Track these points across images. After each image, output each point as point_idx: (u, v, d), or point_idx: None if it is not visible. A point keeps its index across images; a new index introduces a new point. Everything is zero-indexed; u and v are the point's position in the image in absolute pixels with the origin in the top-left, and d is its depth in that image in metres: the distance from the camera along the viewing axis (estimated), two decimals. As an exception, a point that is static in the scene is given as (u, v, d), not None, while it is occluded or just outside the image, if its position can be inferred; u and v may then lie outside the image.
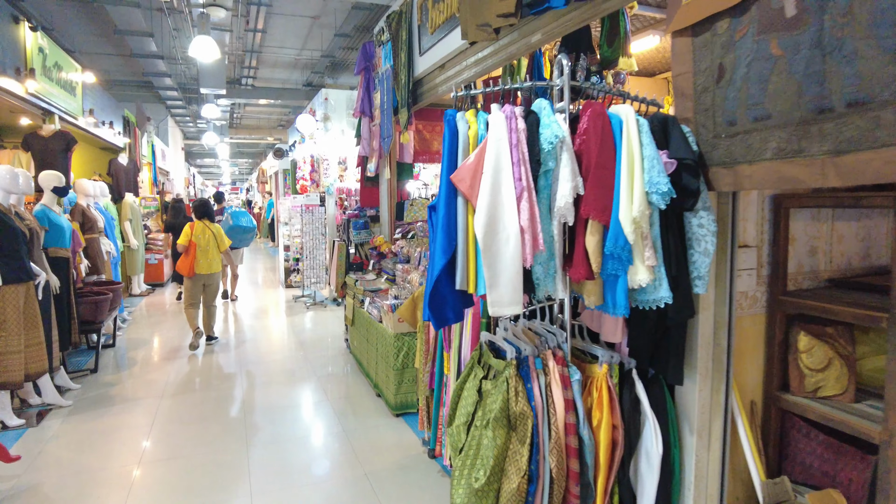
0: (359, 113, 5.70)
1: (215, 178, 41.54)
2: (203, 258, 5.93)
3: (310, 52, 13.93)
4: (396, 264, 4.97)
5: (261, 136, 23.93)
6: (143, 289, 10.01)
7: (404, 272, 4.73)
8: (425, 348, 3.29)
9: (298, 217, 8.64)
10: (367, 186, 5.89)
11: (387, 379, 4.21)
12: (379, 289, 5.01)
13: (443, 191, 1.75)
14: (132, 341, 6.60)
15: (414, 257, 4.59)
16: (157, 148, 14.38)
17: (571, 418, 1.84)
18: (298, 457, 3.60)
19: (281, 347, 6.25)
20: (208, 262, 5.97)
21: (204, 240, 5.92)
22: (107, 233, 7.08)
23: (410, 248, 4.75)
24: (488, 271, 1.67)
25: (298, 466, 3.47)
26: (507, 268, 1.67)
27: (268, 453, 3.63)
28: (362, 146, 5.71)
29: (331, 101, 8.66)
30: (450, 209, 1.73)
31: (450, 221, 1.72)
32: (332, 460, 3.55)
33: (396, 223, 5.66)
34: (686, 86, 1.88)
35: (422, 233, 4.88)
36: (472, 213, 1.74)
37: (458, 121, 1.79)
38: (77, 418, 4.24)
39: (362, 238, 5.69)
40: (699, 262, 1.79)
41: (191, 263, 5.90)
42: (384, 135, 5.22)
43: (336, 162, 8.87)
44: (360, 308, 5.01)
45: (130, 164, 10.14)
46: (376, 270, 5.39)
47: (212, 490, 3.20)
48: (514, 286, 1.68)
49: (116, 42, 11.71)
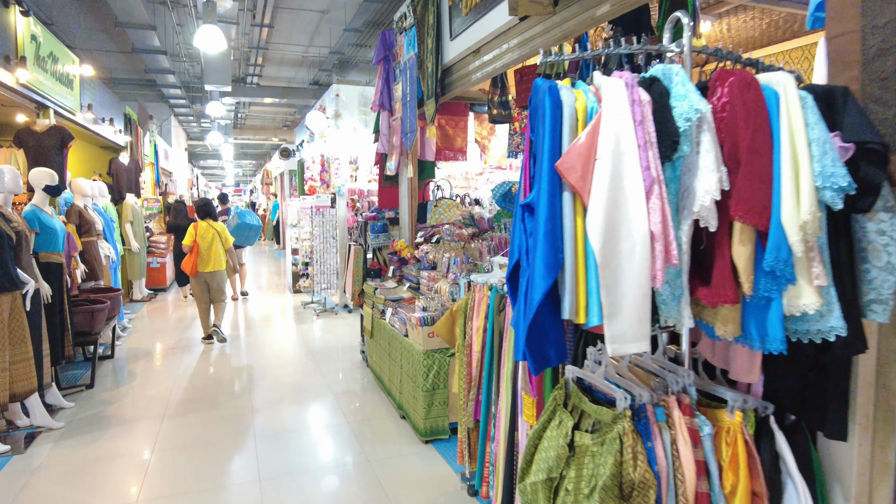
0: (377, 107, 5.26)
1: (219, 180, 41.19)
2: (207, 256, 6.09)
3: (317, 49, 13.54)
4: (420, 271, 4.53)
5: (265, 136, 23.55)
6: (145, 294, 9.58)
7: (430, 280, 4.29)
8: (466, 371, 2.84)
9: (308, 219, 8.20)
10: (386, 186, 5.45)
11: (414, 400, 3.77)
12: (401, 298, 4.56)
13: (544, 183, 1.29)
14: (132, 352, 6.16)
15: (441, 264, 4.14)
16: (160, 148, 13.97)
17: (704, 485, 1.39)
18: (318, 492, 3.16)
19: (292, 359, 5.80)
20: (212, 261, 6.11)
21: (208, 239, 6.07)
22: (106, 236, 6.65)
23: (437, 253, 4.30)
24: (607, 294, 1.22)
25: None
26: (632, 289, 1.23)
27: (283, 489, 3.19)
28: (381, 143, 5.27)
29: (342, 97, 8.23)
30: (553, 209, 1.28)
31: (555, 226, 1.27)
32: (357, 497, 3.10)
33: (418, 226, 5.22)
34: (849, 50, 1.44)
35: (449, 237, 4.44)
36: (582, 215, 1.29)
37: (563, 90, 1.34)
38: (69, 443, 3.80)
39: (381, 242, 5.26)
40: (879, 280, 1.34)
41: (194, 262, 6.05)
42: (406, 129, 4.79)
43: (347, 161, 8.45)
44: (381, 319, 4.57)
45: (132, 164, 9.73)
46: (397, 278, 4.95)
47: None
48: (639, 314, 1.24)
49: (118, 38, 11.31)
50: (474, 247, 3.97)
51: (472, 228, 4.30)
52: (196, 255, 6.04)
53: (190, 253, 6.06)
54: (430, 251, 4.40)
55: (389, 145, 5.20)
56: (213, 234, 6.12)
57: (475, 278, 2.85)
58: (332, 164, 8.36)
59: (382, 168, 5.42)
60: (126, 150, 9.78)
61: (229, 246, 6.31)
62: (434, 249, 4.36)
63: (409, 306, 4.29)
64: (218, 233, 6.18)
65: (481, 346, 2.71)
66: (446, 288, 3.99)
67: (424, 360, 3.59)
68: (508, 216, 4.13)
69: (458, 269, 3.90)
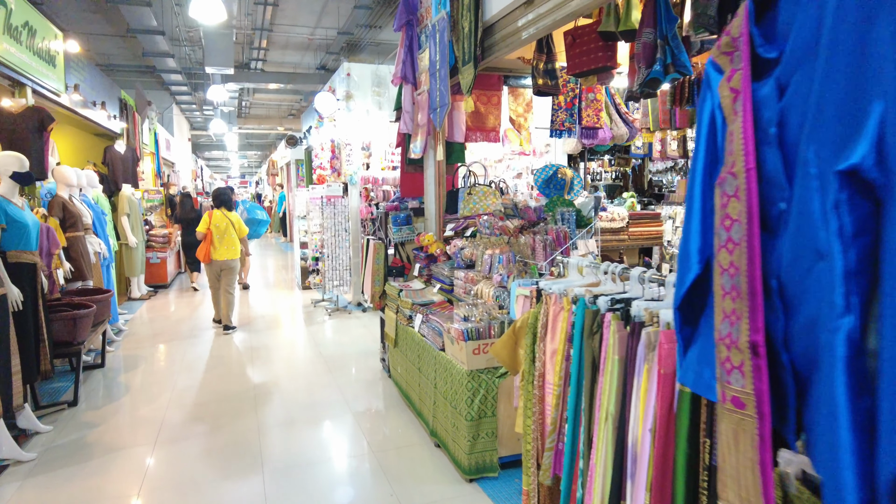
0: (399, 80, 4.56)
1: (224, 172, 40.63)
2: (220, 245, 6.19)
3: (324, 31, 12.82)
4: (454, 270, 3.85)
5: (271, 125, 22.88)
6: (144, 291, 8.96)
7: (468, 282, 3.61)
8: (537, 408, 2.17)
9: (318, 210, 7.54)
10: (409, 172, 4.76)
11: (454, 429, 3.10)
12: (431, 301, 3.89)
13: None
14: (126, 359, 5.53)
15: (482, 262, 3.46)
16: (161, 137, 13.33)
17: None
18: (342, 555, 2.51)
19: (303, 368, 5.15)
20: (225, 249, 6.22)
21: (221, 227, 6.20)
22: (96, 230, 6.01)
23: (475, 249, 3.62)
24: None
25: (344, 574, 2.38)
26: None
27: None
28: (403, 121, 4.58)
29: (354, 76, 7.52)
30: None
31: None
32: (392, 562, 2.45)
33: (447, 217, 4.54)
34: None
35: (488, 230, 3.76)
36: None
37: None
38: (40, 481, 3.16)
39: (404, 236, 4.58)
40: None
41: (207, 250, 6.18)
42: (434, 104, 4.09)
43: (360, 147, 7.75)
44: (407, 326, 3.90)
45: (128, 153, 9.08)
46: (424, 277, 4.28)
47: None
48: None
49: (113, 19, 10.62)
50: (524, 242, 3.28)
51: (518, 220, 3.61)
52: (209, 243, 6.17)
53: (204, 240, 6.20)
54: (467, 247, 3.71)
55: (413, 124, 4.51)
56: (227, 223, 6.25)
57: (547, 286, 2.16)
58: (344, 150, 7.67)
59: (405, 151, 4.73)
60: (122, 137, 9.13)
61: (244, 235, 6.45)
62: (471, 245, 3.68)
63: (444, 313, 3.61)
64: (232, 222, 6.30)
65: (562, 378, 2.03)
66: (489, 292, 3.31)
67: (469, 382, 2.92)
68: (565, 205, 3.43)
69: (505, 270, 3.22)
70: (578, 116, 4.54)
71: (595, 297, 1.92)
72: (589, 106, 4.54)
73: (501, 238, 3.54)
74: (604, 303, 1.87)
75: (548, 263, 3.09)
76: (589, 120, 4.53)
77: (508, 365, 2.35)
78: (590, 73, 3.70)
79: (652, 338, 1.66)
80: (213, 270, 6.33)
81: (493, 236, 3.69)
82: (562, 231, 3.12)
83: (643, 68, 3.01)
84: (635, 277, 1.93)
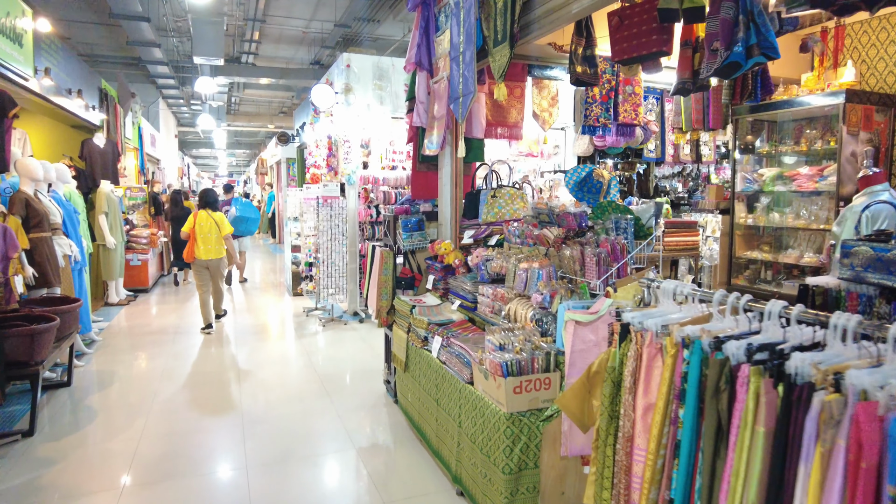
0: (412, 66, 4.03)
1: (211, 170, 39.79)
2: (204, 245, 6.30)
3: (320, 24, 12.26)
4: (479, 285, 3.31)
5: (261, 123, 22.22)
6: (123, 296, 8.32)
7: (496, 299, 3.08)
8: (622, 481, 1.64)
9: (313, 212, 6.96)
10: (422, 170, 4.22)
11: (485, 481, 2.56)
12: (450, 321, 3.35)
13: None
14: (97, 375, 4.93)
15: (514, 277, 2.92)
16: (146, 132, 12.67)
17: None
18: None
19: (297, 390, 4.59)
20: (210, 249, 6.33)
21: (206, 228, 6.30)
22: (66, 230, 5.40)
23: (504, 262, 3.09)
24: None
25: None
26: None
27: None
28: (416, 113, 4.04)
29: (354, 68, 6.97)
30: None
31: None
32: None
33: (464, 222, 4.00)
34: None
35: (519, 239, 3.23)
36: None
37: None
38: (-25, 540, 2.58)
39: (416, 243, 4.04)
40: None
41: (191, 249, 6.31)
42: (456, 93, 3.56)
43: (358, 144, 7.20)
44: (422, 348, 3.36)
45: (109, 146, 8.45)
46: (440, 292, 3.74)
47: None
48: None
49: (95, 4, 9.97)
50: (569, 255, 2.75)
51: (557, 228, 3.08)
52: (194, 243, 6.29)
53: (189, 240, 6.34)
54: (494, 258, 3.18)
55: (428, 116, 3.97)
56: (211, 223, 6.33)
57: (636, 318, 1.64)
58: (342, 147, 7.11)
59: (418, 146, 4.19)
60: (102, 130, 8.49)
61: (227, 233, 6.50)
62: (500, 256, 3.14)
63: (467, 335, 3.08)
64: (216, 222, 6.37)
65: (664, 446, 1.51)
66: (526, 314, 2.78)
67: (508, 427, 2.38)
68: (620, 211, 2.91)
69: (546, 289, 2.68)
70: (614, 111, 4.03)
71: (719, 341, 1.40)
72: (626, 100, 4.04)
73: (537, 249, 3.02)
74: (737, 350, 1.34)
75: (602, 282, 2.57)
76: (626, 116, 4.03)
77: (578, 420, 1.81)
78: (638, 61, 3.19)
79: (834, 410, 1.14)
80: (200, 269, 6.42)
81: (526, 246, 3.17)
82: (618, 243, 2.60)
83: (721, 50, 2.51)
84: (774, 314, 1.41)
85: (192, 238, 6.29)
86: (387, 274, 3.92)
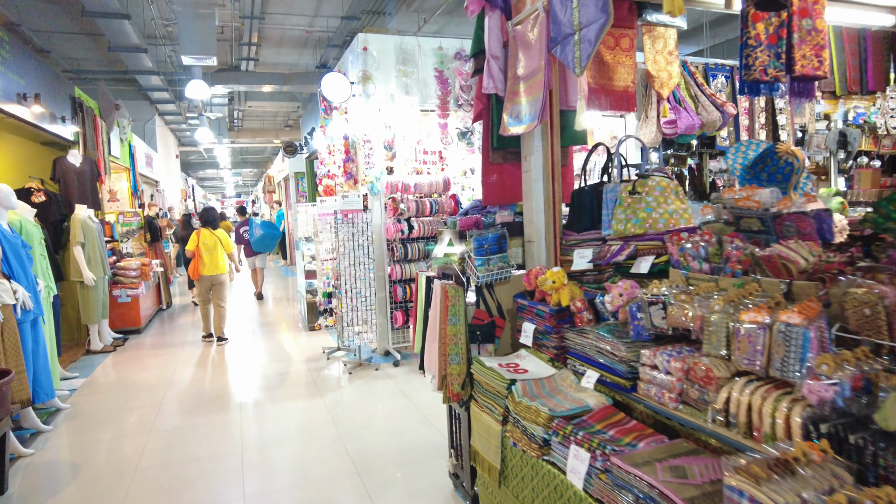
0: (479, 4, 2.65)
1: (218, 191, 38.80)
2: (209, 261, 6.54)
3: (325, 21, 11.01)
4: (642, 348, 1.90)
5: (266, 139, 21.02)
6: (109, 341, 6.99)
7: (694, 379, 1.67)
8: None
9: (330, 231, 5.60)
10: (496, 162, 2.82)
11: None
12: (585, 410, 1.94)
13: None
14: (48, 471, 3.56)
15: (740, 339, 1.52)
16: (139, 150, 11.44)
17: None
18: None
19: (324, 488, 3.18)
20: (213, 265, 6.57)
21: (210, 245, 6.55)
22: (10, 269, 4.09)
23: (695, 309, 1.68)
24: None
25: None
26: None
27: None
28: (487, 75, 2.65)
29: (372, 51, 5.63)
30: None
31: None
32: None
33: (569, 237, 2.60)
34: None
35: (703, 261, 1.83)
36: None
37: None
38: None
39: (494, 272, 2.63)
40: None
41: (196, 266, 6.56)
42: (567, 28, 2.17)
43: (382, 145, 5.85)
44: (541, 458, 1.95)
45: (86, 165, 7.17)
46: (550, 352, 2.33)
47: None
48: None
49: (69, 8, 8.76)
50: (865, 297, 1.33)
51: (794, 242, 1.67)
52: (199, 260, 6.52)
53: (193, 258, 6.58)
54: (670, 300, 1.77)
55: (508, 78, 2.59)
56: (215, 240, 6.60)
57: None
58: (361, 149, 5.76)
59: (490, 126, 2.80)
60: (78, 146, 7.22)
61: (231, 251, 6.85)
62: (687, 299, 1.73)
63: (639, 446, 1.66)
64: (220, 239, 6.64)
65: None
66: (780, 413, 1.36)
67: None
68: None
69: (832, 369, 1.27)
70: (788, 58, 2.62)
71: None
72: (805, 40, 2.63)
73: (760, 283, 1.61)
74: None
75: None
76: (807, 65, 2.62)
77: None
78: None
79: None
80: (204, 285, 6.66)
81: (729, 277, 1.76)
82: None
83: None
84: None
85: (197, 256, 6.51)
86: (457, 323, 2.52)
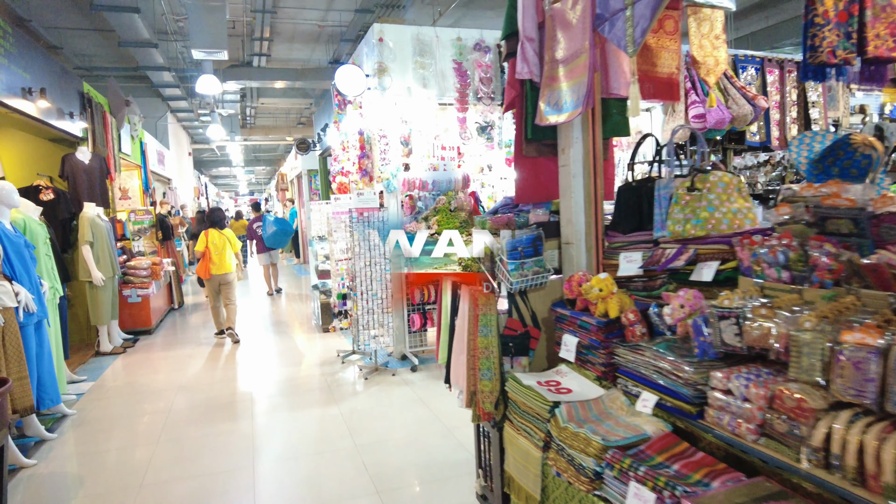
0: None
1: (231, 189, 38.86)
2: (219, 260, 6.60)
3: (338, 15, 10.80)
4: (711, 369, 1.64)
5: (279, 136, 20.90)
6: (119, 342, 6.85)
7: (781, 410, 1.40)
8: None
9: (344, 230, 5.38)
10: (530, 155, 2.56)
11: None
12: (644, 437, 1.69)
13: None
14: (52, 482, 3.37)
15: (842, 365, 1.26)
16: (151, 147, 11.31)
17: None
18: None
19: (338, 501, 2.96)
20: (222, 264, 6.62)
21: (219, 245, 6.60)
22: (13, 271, 3.91)
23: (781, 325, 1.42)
24: None
25: None
26: None
27: None
28: (522, 58, 2.40)
29: (388, 42, 5.39)
30: None
31: None
32: None
33: (614, 238, 2.34)
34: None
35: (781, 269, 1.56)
36: None
37: None
38: None
39: (529, 277, 2.38)
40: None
41: (206, 266, 6.61)
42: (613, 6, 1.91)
43: (398, 140, 5.61)
44: (590, 493, 1.70)
45: (95, 162, 7.01)
46: (597, 370, 2.07)
47: None
48: None
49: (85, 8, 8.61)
50: None
51: None
52: (208, 260, 6.58)
53: (202, 258, 6.63)
54: (752, 315, 1.50)
55: (547, 60, 2.33)
56: (223, 240, 6.66)
57: None
58: (377, 144, 5.53)
59: (523, 115, 2.54)
60: (86, 143, 7.07)
61: (237, 250, 6.89)
62: (777, 317, 1.47)
63: (715, 488, 1.40)
64: (228, 239, 6.72)
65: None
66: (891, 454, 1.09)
67: None
68: None
69: None
70: (860, 38, 2.33)
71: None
72: (879, 17, 2.34)
73: (877, 298, 1.34)
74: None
75: None
76: (881, 45, 2.33)
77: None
78: None
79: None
80: (213, 285, 6.73)
81: (815, 288, 1.49)
82: None
83: None
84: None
85: (207, 256, 6.56)
86: (488, 334, 2.27)
